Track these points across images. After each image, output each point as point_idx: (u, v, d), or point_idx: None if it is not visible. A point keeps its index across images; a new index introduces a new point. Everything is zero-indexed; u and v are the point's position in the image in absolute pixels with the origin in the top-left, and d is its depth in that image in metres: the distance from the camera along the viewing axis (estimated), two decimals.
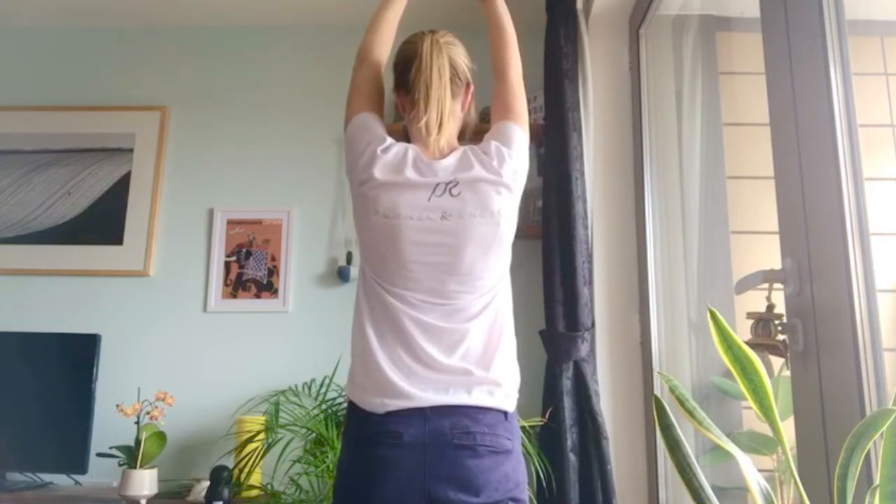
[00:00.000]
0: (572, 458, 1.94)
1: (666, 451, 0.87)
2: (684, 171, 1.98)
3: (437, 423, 1.14)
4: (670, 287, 2.01)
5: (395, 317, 1.21)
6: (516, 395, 1.24)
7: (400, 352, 1.20)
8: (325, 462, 1.93)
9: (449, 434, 1.14)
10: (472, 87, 1.38)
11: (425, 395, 1.16)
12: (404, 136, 1.36)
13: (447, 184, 1.22)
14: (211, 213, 2.64)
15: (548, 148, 2.20)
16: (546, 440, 2.02)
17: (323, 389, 2.30)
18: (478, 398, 1.16)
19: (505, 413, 1.19)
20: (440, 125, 1.25)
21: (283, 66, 2.78)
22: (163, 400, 2.18)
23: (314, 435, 2.02)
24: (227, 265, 2.58)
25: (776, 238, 1.19)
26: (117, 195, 2.65)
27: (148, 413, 2.14)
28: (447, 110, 1.26)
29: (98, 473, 2.29)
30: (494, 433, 1.16)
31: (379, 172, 1.22)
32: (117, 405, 2.16)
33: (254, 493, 2.12)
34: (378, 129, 1.30)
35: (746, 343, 0.85)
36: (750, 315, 1.16)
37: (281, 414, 2.15)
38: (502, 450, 1.16)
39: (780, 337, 1.13)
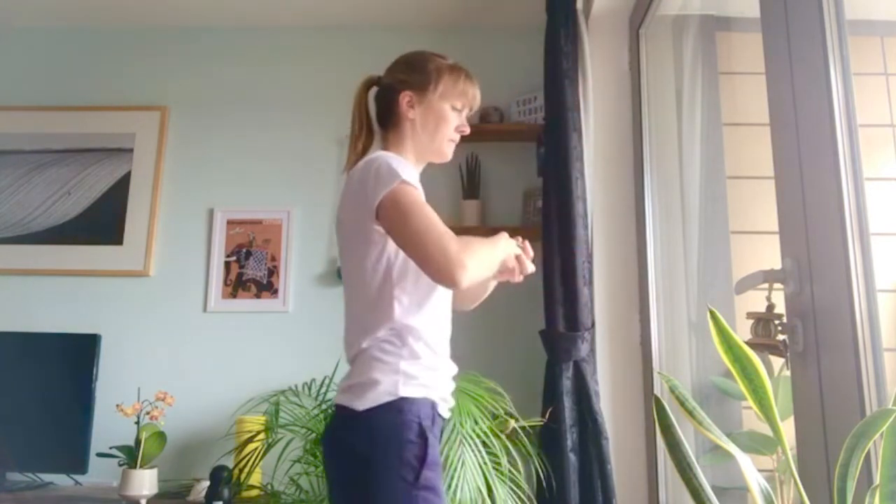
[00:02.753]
0: (572, 458, 1.94)
1: (666, 451, 0.87)
2: (684, 171, 1.98)
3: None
4: (670, 287, 2.01)
5: None
6: (381, 391, 1.16)
7: None
8: None
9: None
10: (401, 94, 1.38)
11: None
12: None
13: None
14: (211, 213, 2.64)
15: (548, 148, 2.20)
16: (546, 440, 2.02)
17: (323, 389, 2.30)
18: (339, 398, 1.22)
19: (355, 411, 1.16)
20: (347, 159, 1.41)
21: (283, 67, 2.78)
22: (163, 400, 2.18)
23: (314, 435, 2.02)
24: (227, 265, 2.58)
25: (776, 238, 1.19)
26: (117, 195, 2.65)
27: (148, 413, 2.14)
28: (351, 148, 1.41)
29: (98, 473, 2.29)
30: (344, 430, 1.19)
31: None
32: (117, 405, 2.16)
33: (254, 493, 2.12)
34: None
35: (746, 343, 0.85)
36: (750, 315, 1.16)
37: (281, 414, 2.14)
38: (345, 448, 1.17)
39: (780, 337, 1.13)
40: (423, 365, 1.22)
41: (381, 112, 1.42)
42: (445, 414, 1.27)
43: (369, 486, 1.12)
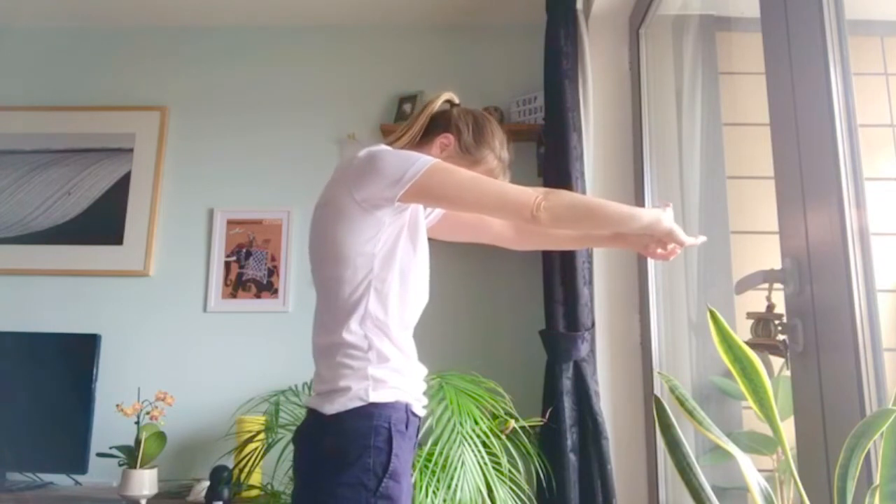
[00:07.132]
0: (572, 458, 1.94)
1: (666, 451, 0.87)
2: (684, 171, 1.98)
3: None
4: (670, 287, 2.01)
5: None
6: (351, 396, 1.16)
7: None
8: None
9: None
10: (445, 134, 1.41)
11: None
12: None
13: None
14: (211, 213, 2.64)
15: (548, 148, 2.20)
16: (546, 440, 2.02)
17: None
18: (311, 401, 1.22)
19: (324, 415, 1.16)
20: None
21: (283, 67, 2.78)
22: (163, 400, 2.18)
23: None
24: (227, 265, 2.58)
25: (776, 238, 1.19)
26: (117, 195, 2.65)
27: (148, 413, 2.14)
28: None
29: (98, 473, 2.29)
30: (313, 433, 1.20)
31: None
32: (117, 405, 2.16)
33: (254, 493, 2.12)
34: None
35: (746, 343, 0.85)
36: (750, 315, 1.16)
37: (281, 414, 2.14)
38: (312, 450, 1.18)
39: (780, 337, 1.13)
40: (392, 367, 1.20)
41: (426, 126, 1.42)
42: (421, 412, 1.26)
43: (330, 489, 1.12)
